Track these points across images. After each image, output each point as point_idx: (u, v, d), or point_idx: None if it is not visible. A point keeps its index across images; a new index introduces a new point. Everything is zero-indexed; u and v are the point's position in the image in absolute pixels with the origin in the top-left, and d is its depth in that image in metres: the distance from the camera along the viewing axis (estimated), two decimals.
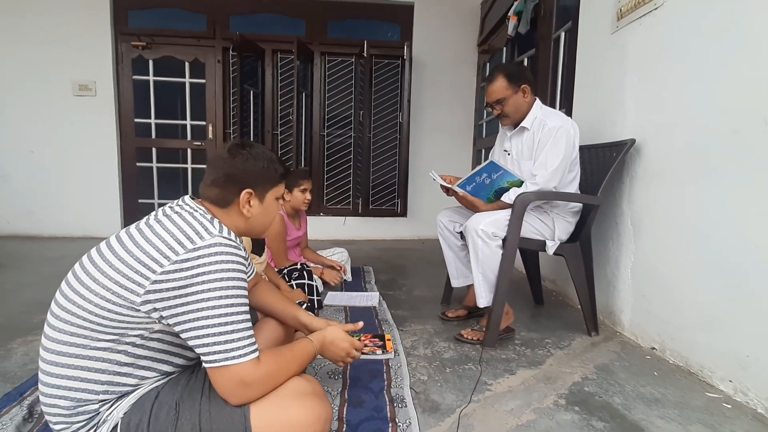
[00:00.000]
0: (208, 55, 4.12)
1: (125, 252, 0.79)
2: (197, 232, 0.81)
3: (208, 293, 0.77)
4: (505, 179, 1.75)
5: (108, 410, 0.82)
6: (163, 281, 0.76)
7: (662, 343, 1.64)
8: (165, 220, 0.83)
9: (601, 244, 2.02)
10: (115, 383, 0.81)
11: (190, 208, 0.87)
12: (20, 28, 3.85)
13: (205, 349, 0.78)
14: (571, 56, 2.40)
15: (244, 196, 0.92)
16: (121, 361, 0.81)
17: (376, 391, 1.30)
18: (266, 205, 0.97)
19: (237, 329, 0.79)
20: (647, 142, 1.75)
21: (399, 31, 4.29)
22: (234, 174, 0.92)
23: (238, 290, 0.80)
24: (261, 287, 1.21)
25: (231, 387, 0.79)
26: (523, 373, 1.46)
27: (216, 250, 0.79)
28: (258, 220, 0.96)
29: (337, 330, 1.07)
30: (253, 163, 0.93)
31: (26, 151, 3.98)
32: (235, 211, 0.93)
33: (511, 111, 1.79)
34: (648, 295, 1.72)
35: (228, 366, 0.78)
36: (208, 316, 0.77)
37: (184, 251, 0.78)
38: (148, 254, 0.78)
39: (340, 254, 2.65)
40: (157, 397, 0.83)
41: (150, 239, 0.79)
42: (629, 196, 1.85)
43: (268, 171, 0.95)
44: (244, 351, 0.79)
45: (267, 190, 0.96)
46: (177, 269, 0.76)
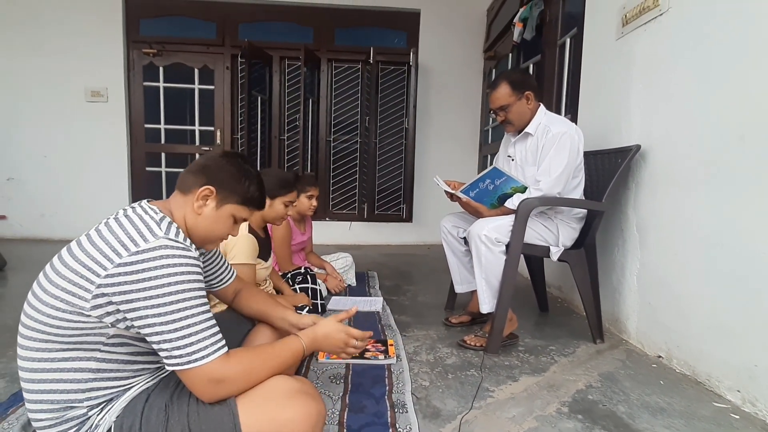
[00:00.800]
0: (217, 62, 4.19)
1: (71, 258, 0.77)
2: (141, 234, 0.78)
3: (157, 298, 0.75)
4: (508, 185, 1.75)
5: (99, 415, 0.81)
6: (107, 285, 0.74)
7: (669, 352, 1.61)
8: (113, 224, 0.81)
9: (606, 251, 2.00)
10: (96, 388, 0.81)
11: (142, 210, 0.84)
12: (37, 38, 3.96)
13: (165, 354, 0.76)
14: (577, 62, 2.40)
15: (203, 191, 0.89)
16: (92, 367, 0.79)
17: (378, 397, 1.30)
18: (220, 214, 0.91)
19: (195, 330, 0.77)
20: (653, 148, 1.74)
21: (405, 37, 4.33)
22: (209, 166, 0.91)
23: (189, 291, 0.78)
24: (246, 292, 1.18)
25: (201, 386, 0.78)
26: (526, 380, 1.44)
27: (160, 253, 0.76)
28: (204, 223, 0.91)
29: (330, 322, 1.03)
30: (233, 170, 0.92)
31: (40, 156, 4.07)
32: (189, 203, 0.90)
33: (514, 118, 1.79)
34: (654, 302, 1.70)
35: (192, 368, 0.76)
36: (163, 322, 0.75)
37: (127, 254, 0.75)
38: (93, 258, 0.76)
39: (344, 259, 2.66)
40: (147, 400, 0.83)
41: (96, 244, 0.77)
42: (635, 203, 1.83)
43: (242, 184, 0.92)
44: (207, 351, 0.78)
45: (228, 201, 0.92)
46: (121, 272, 0.74)
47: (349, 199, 4.48)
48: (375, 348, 1.63)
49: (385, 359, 1.54)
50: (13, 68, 3.96)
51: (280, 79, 4.24)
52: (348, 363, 1.51)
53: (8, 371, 1.43)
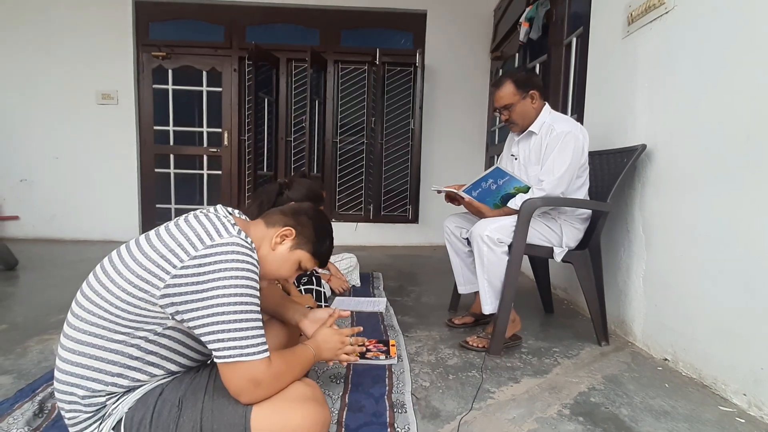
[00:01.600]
0: (225, 65, 4.23)
1: (150, 248, 0.82)
2: (217, 230, 0.84)
3: (223, 289, 0.79)
4: (511, 185, 1.74)
5: (114, 404, 0.84)
6: (181, 276, 0.79)
7: (675, 355, 1.58)
8: (192, 219, 0.87)
9: (612, 252, 1.97)
10: (124, 376, 0.84)
11: (216, 213, 0.91)
12: (49, 42, 4.04)
13: (219, 344, 0.79)
14: (583, 62, 2.38)
15: (285, 230, 0.96)
16: (132, 354, 0.83)
17: (377, 397, 1.30)
18: (290, 256, 0.97)
19: (251, 327, 0.81)
20: (659, 148, 1.71)
21: (411, 38, 4.33)
22: (301, 214, 1.00)
23: (252, 290, 0.82)
24: (264, 289, 1.22)
25: (243, 383, 0.81)
26: (528, 382, 1.43)
27: (232, 249, 0.81)
28: (275, 261, 0.96)
29: (323, 329, 1.08)
30: (319, 224, 1.00)
31: (52, 158, 4.15)
32: (269, 236, 0.96)
33: (518, 117, 1.78)
34: (660, 304, 1.68)
35: (241, 362, 0.80)
36: (224, 312, 0.79)
37: (203, 247, 0.81)
38: (171, 249, 0.81)
39: (348, 259, 2.67)
40: (161, 394, 0.85)
41: (174, 236, 0.83)
42: (641, 203, 1.81)
43: (320, 239, 1.00)
44: (258, 349, 0.81)
45: (303, 248, 0.98)
46: (194, 264, 0.79)
47: (355, 200, 4.49)
48: (376, 348, 1.63)
49: (386, 359, 1.54)
50: (26, 71, 4.05)
51: (286, 81, 4.27)
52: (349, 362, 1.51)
53: (16, 368, 1.46)
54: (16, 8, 3.99)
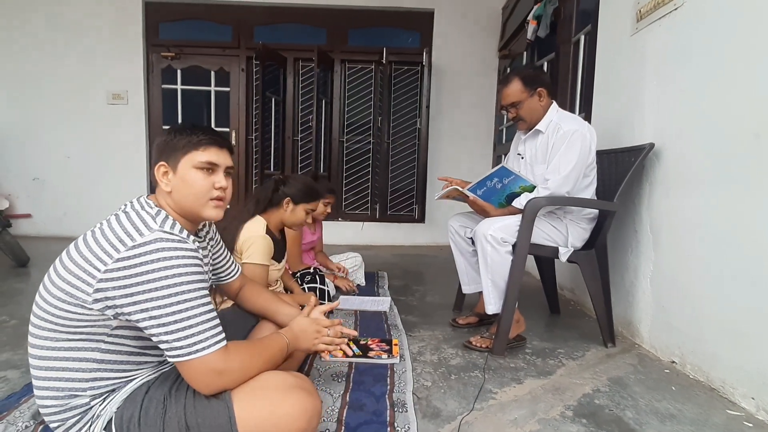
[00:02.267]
0: (233, 64, 4.26)
1: (77, 253, 0.80)
2: (137, 228, 0.81)
3: (155, 291, 0.76)
4: (517, 184, 1.72)
5: (101, 405, 0.83)
6: (107, 279, 0.77)
7: (682, 357, 1.55)
8: (113, 219, 0.84)
9: (619, 252, 1.95)
10: (100, 378, 0.83)
11: (139, 205, 0.87)
12: (61, 43, 4.11)
13: (165, 345, 0.78)
14: (591, 60, 2.35)
15: (159, 170, 0.91)
16: (96, 358, 0.82)
17: (378, 395, 1.29)
18: (182, 175, 0.90)
19: (195, 322, 0.78)
20: (667, 147, 1.68)
21: (419, 37, 4.32)
22: (152, 151, 0.95)
23: (189, 283, 0.79)
24: (249, 289, 1.20)
25: (201, 376, 0.79)
26: (531, 383, 1.42)
27: (156, 246, 0.78)
28: (180, 193, 0.91)
29: (301, 318, 1.06)
30: (165, 136, 0.93)
31: (63, 157, 4.22)
32: (161, 190, 0.92)
33: (526, 114, 1.76)
34: (668, 306, 1.65)
35: (193, 360, 0.78)
36: (161, 314, 0.76)
37: (125, 249, 0.78)
38: (94, 253, 0.78)
39: (353, 259, 2.66)
40: (147, 392, 0.85)
41: (98, 239, 0.80)
42: (648, 203, 1.78)
43: (177, 139, 0.91)
44: (208, 342, 0.79)
45: (178, 159, 0.91)
46: (119, 267, 0.77)
47: (361, 199, 4.49)
48: (379, 347, 1.63)
49: (388, 359, 1.53)
50: (38, 71, 4.12)
51: (293, 80, 4.29)
52: (351, 362, 1.51)
53: (24, 362, 1.48)
54: (29, 10, 4.06)
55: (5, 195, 4.13)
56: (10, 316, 1.94)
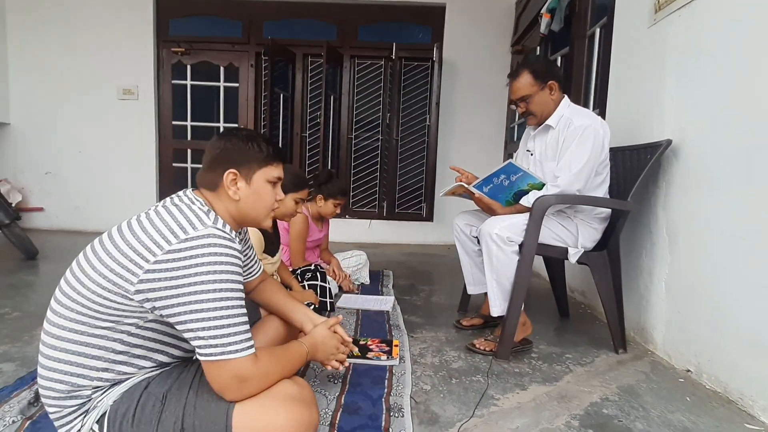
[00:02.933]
0: (242, 60, 4.25)
1: (123, 241, 0.79)
2: (191, 222, 0.80)
3: (201, 285, 0.75)
4: (525, 181, 1.65)
5: (100, 397, 0.82)
6: (155, 271, 0.76)
7: (699, 366, 1.47)
8: (163, 211, 0.83)
9: (633, 254, 1.86)
10: (110, 370, 0.82)
11: (189, 200, 0.87)
12: (73, 37, 4.14)
13: (200, 342, 0.77)
14: (606, 54, 2.26)
15: (228, 177, 0.90)
16: (116, 348, 0.81)
17: (375, 399, 1.25)
18: (256, 188, 0.92)
19: (234, 323, 0.78)
20: (686, 144, 1.59)
21: (430, 32, 4.24)
22: (218, 155, 0.91)
23: (233, 284, 0.79)
24: (268, 285, 1.20)
25: (227, 381, 0.78)
26: (536, 390, 1.35)
27: (208, 241, 0.77)
28: (248, 203, 0.92)
29: (323, 329, 1.07)
30: (236, 143, 0.91)
31: (75, 151, 4.26)
32: (224, 195, 0.91)
33: (536, 109, 1.69)
34: (684, 311, 1.56)
35: (225, 360, 0.77)
36: (202, 309, 0.76)
37: (177, 241, 0.77)
38: (143, 244, 0.78)
39: (358, 257, 2.62)
40: (146, 388, 0.83)
41: (146, 229, 0.79)
42: (665, 203, 1.69)
43: (252, 150, 0.91)
44: (242, 346, 0.79)
45: (253, 171, 0.92)
46: (168, 259, 0.76)
47: (369, 197, 4.44)
48: (379, 348, 1.58)
49: (388, 360, 1.48)
50: (51, 66, 4.16)
51: (302, 76, 4.25)
52: (349, 362, 1.46)
53: (21, 355, 1.47)
54: (43, 6, 4.10)
55: (18, 188, 4.22)
56: (13, 309, 1.95)
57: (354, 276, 2.57)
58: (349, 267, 2.55)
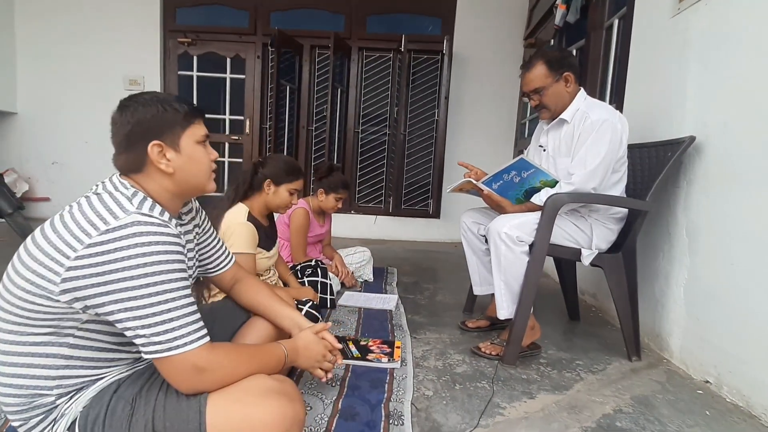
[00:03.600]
0: (249, 51, 4.19)
1: (43, 239, 0.72)
2: (111, 211, 0.73)
3: (131, 279, 0.69)
4: (537, 178, 1.57)
5: (67, 403, 0.77)
6: (77, 267, 0.69)
7: (718, 377, 1.38)
8: (84, 202, 0.75)
9: (649, 257, 1.77)
10: (67, 376, 0.76)
11: (112, 186, 0.79)
12: (79, 27, 4.10)
13: (143, 340, 0.71)
14: (625, 46, 2.15)
15: (154, 150, 0.80)
16: (65, 354, 0.75)
17: (373, 404, 1.18)
18: (187, 153, 0.83)
19: (177, 315, 0.71)
20: (710, 141, 1.50)
21: (440, 24, 4.14)
22: (131, 131, 0.80)
23: (169, 272, 0.72)
24: (247, 283, 1.10)
25: (182, 374, 0.73)
26: (545, 398, 1.28)
27: (133, 230, 0.70)
28: (186, 171, 0.83)
29: (308, 333, 1.00)
30: (144, 111, 0.80)
31: (82, 141, 4.24)
32: (155, 172, 0.82)
33: (550, 102, 1.60)
34: (704, 318, 1.47)
35: (173, 356, 0.71)
36: (138, 306, 0.69)
37: (97, 233, 0.70)
38: (63, 239, 0.70)
39: (361, 253, 2.55)
40: (116, 391, 0.78)
41: (67, 224, 0.72)
42: (685, 203, 1.60)
43: (167, 113, 0.81)
44: (191, 338, 0.73)
45: (178, 136, 0.82)
46: (91, 253, 0.69)
47: (375, 192, 4.37)
48: (380, 349, 1.52)
49: (389, 362, 1.42)
50: (58, 56, 4.13)
51: (309, 68, 4.18)
52: (348, 364, 1.41)
53: None
54: None
55: (25, 178, 4.22)
56: None
57: (357, 273, 2.51)
58: (352, 263, 2.49)
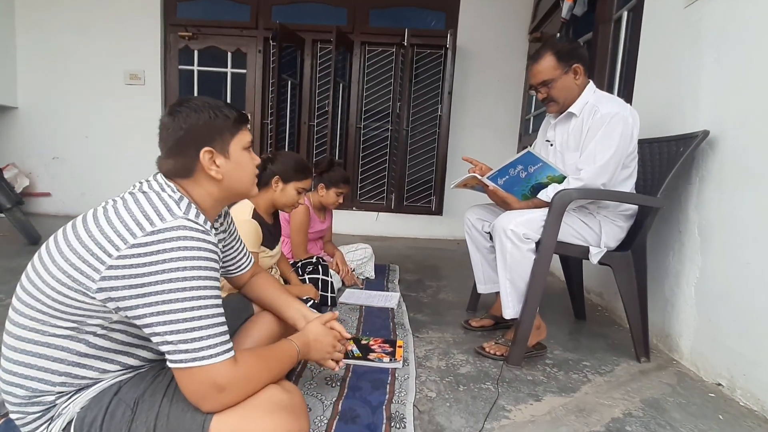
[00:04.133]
0: (250, 46, 4.14)
1: (86, 233, 0.71)
2: (158, 212, 0.71)
3: (168, 283, 0.67)
4: (544, 173, 1.52)
5: (65, 403, 0.75)
6: (118, 267, 0.67)
7: (731, 380, 1.34)
8: (129, 199, 0.74)
9: (659, 255, 1.72)
10: (73, 375, 0.74)
11: (159, 186, 0.78)
12: (80, 20, 4.06)
13: (169, 347, 0.68)
14: (634, 38, 2.09)
15: (205, 156, 0.80)
16: (80, 351, 0.73)
17: (375, 405, 1.14)
18: (235, 159, 0.84)
19: (207, 324, 0.69)
20: (725, 135, 1.44)
21: (444, 18, 4.08)
22: (183, 136, 0.80)
23: (206, 280, 0.70)
24: (260, 279, 1.11)
25: (203, 390, 0.70)
26: (551, 401, 1.24)
27: (178, 234, 0.69)
28: (233, 178, 0.84)
29: (316, 324, 0.98)
30: (196, 117, 0.80)
31: (82, 136, 4.22)
32: (204, 178, 0.82)
33: (559, 94, 1.55)
34: (716, 319, 1.43)
35: (198, 367, 0.68)
36: (171, 310, 0.67)
37: (143, 234, 0.68)
38: (107, 236, 0.69)
39: (362, 250, 2.51)
40: (116, 393, 0.75)
41: (111, 220, 0.71)
42: (698, 200, 1.55)
43: (218, 120, 0.81)
44: (217, 350, 0.70)
45: (227, 142, 0.83)
46: (133, 254, 0.67)
47: (377, 188, 4.33)
48: (381, 348, 1.48)
49: (391, 362, 1.38)
50: (58, 50, 4.10)
51: (311, 62, 4.13)
52: (349, 363, 1.37)
53: None
54: None
55: (26, 173, 4.19)
56: (7, 295, 1.89)
57: (358, 270, 2.47)
58: (353, 260, 2.46)
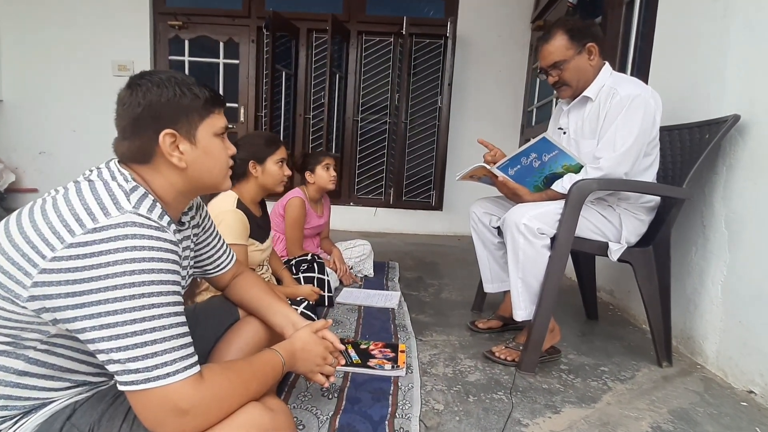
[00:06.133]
0: (243, 35, 3.98)
1: (18, 231, 0.58)
2: (103, 206, 0.60)
3: (114, 290, 0.56)
4: (559, 162, 1.40)
5: (10, 429, 0.63)
6: (53, 270, 0.56)
7: (765, 387, 1.22)
8: (72, 189, 0.62)
9: (680, 251, 1.60)
10: (15, 397, 0.62)
11: (109, 174, 0.65)
12: (66, 10, 3.90)
13: (116, 366, 0.56)
14: (649, 18, 1.97)
15: (166, 140, 0.67)
16: (19, 369, 0.61)
17: (376, 420, 1.02)
18: (204, 146, 0.71)
19: (162, 337, 0.57)
20: (757, 121, 1.32)
21: (443, 6, 3.94)
22: (141, 114, 0.66)
23: (160, 285, 0.59)
24: (244, 279, 0.98)
25: (161, 416, 0.57)
26: (571, 413, 1.12)
27: (125, 231, 0.57)
28: (200, 167, 0.71)
29: (306, 332, 0.85)
30: (158, 92, 0.66)
31: (69, 130, 4.06)
32: (164, 165, 0.69)
33: (571, 77, 1.42)
34: (747, 321, 1.31)
35: (152, 389, 0.56)
36: (117, 322, 0.56)
37: (82, 231, 0.57)
38: (41, 234, 0.57)
39: (361, 247, 2.39)
40: (69, 418, 0.64)
41: (47, 215, 0.59)
42: (724, 191, 1.43)
43: (185, 99, 0.68)
44: (175, 367, 0.57)
45: (195, 125, 0.70)
46: (71, 255, 0.56)
47: (375, 183, 4.20)
48: (382, 354, 1.35)
49: (393, 370, 1.26)
50: (44, 41, 3.93)
51: (306, 53, 3.98)
52: (347, 371, 1.25)
53: None
54: None
55: (12, 168, 4.04)
56: None
57: (357, 267, 2.34)
58: (351, 257, 2.33)
